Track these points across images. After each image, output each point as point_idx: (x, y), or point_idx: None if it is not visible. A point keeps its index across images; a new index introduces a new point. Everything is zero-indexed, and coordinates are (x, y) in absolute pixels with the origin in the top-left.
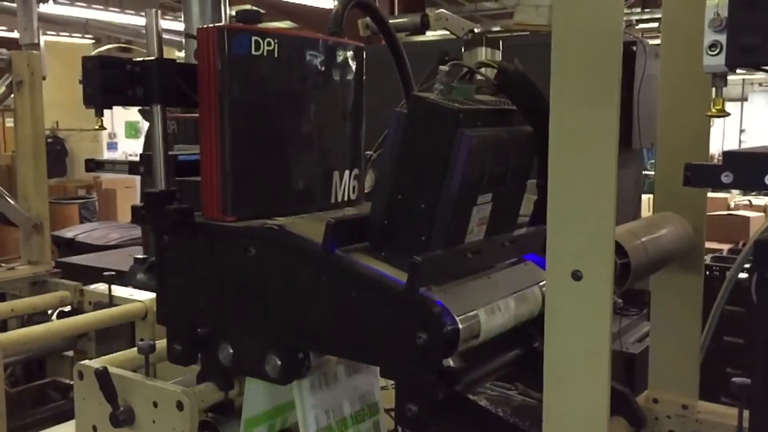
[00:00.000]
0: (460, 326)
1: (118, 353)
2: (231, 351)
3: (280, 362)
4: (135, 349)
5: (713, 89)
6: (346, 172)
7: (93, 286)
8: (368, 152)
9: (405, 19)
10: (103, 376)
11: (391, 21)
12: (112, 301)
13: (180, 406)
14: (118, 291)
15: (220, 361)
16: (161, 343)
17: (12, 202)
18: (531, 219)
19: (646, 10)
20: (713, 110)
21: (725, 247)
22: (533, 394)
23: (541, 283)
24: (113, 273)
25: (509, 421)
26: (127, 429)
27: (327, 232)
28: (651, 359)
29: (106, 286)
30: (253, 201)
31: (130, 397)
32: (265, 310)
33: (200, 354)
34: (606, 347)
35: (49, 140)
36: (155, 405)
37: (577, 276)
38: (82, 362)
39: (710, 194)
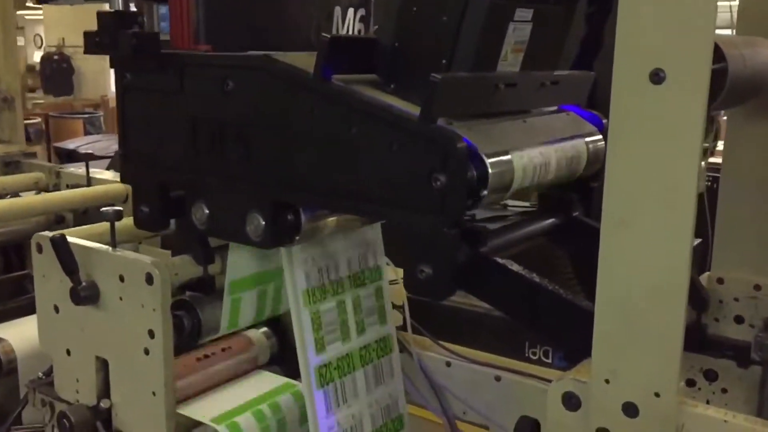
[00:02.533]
0: (490, 170)
1: (85, 227)
2: (206, 211)
3: (263, 222)
4: (105, 223)
5: None
6: (350, 11)
7: (71, 168)
8: None
9: None
10: (60, 244)
11: None
12: (90, 183)
13: (149, 279)
14: (98, 174)
15: (196, 227)
16: None
17: None
18: (575, 63)
19: None
20: None
21: None
22: None
23: (588, 139)
24: (90, 153)
25: (548, 288)
26: (92, 308)
27: (321, 52)
28: (717, 231)
29: (84, 168)
30: (232, 30)
31: (94, 270)
32: (245, 156)
33: (175, 221)
34: (692, 177)
35: (56, 57)
36: (121, 279)
37: (657, 77)
38: (40, 233)
39: None
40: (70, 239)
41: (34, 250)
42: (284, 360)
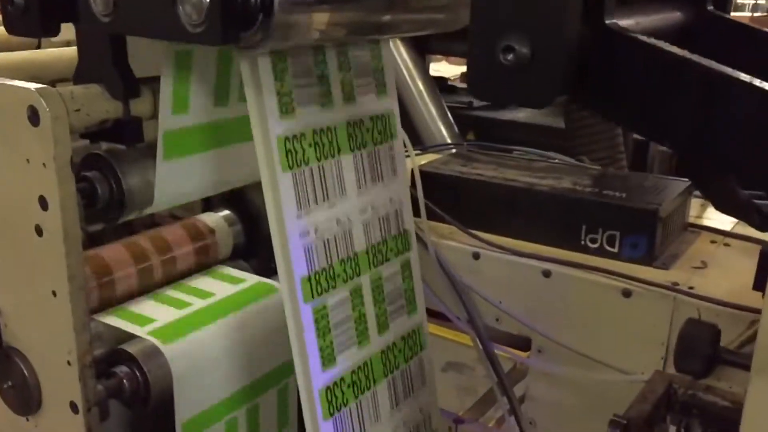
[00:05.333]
0: None
1: None
2: None
3: None
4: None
5: None
6: None
7: None
8: None
9: None
10: None
11: None
12: None
13: (34, 117)
14: None
15: (98, 21)
16: None
17: None
18: None
19: None
20: None
21: None
22: None
23: None
24: None
25: (753, 84)
26: None
27: None
28: None
29: None
30: None
31: None
32: None
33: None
34: None
35: None
36: None
37: None
38: None
39: None
40: None
41: None
42: (253, 252)
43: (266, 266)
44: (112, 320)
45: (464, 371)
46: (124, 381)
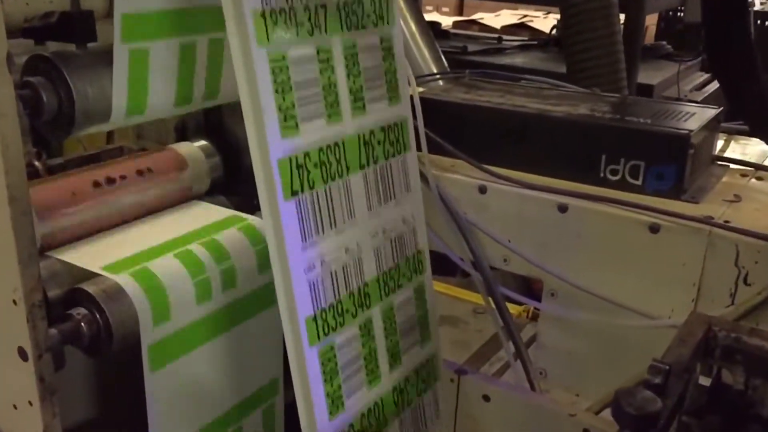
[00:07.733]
0: None
1: None
2: None
3: None
4: None
5: None
6: None
7: None
8: None
9: None
10: None
11: None
12: None
13: None
14: None
15: None
16: None
17: None
18: None
19: None
20: None
21: None
22: None
23: None
24: None
25: None
26: None
27: None
28: None
29: None
30: None
31: None
32: None
33: None
34: None
35: None
36: None
37: None
38: None
39: None
40: None
41: None
42: (233, 188)
43: (248, 203)
44: (67, 256)
45: (458, 325)
46: (82, 324)
